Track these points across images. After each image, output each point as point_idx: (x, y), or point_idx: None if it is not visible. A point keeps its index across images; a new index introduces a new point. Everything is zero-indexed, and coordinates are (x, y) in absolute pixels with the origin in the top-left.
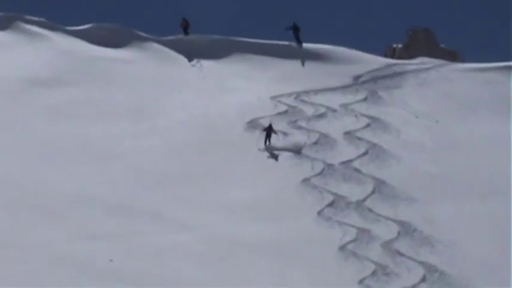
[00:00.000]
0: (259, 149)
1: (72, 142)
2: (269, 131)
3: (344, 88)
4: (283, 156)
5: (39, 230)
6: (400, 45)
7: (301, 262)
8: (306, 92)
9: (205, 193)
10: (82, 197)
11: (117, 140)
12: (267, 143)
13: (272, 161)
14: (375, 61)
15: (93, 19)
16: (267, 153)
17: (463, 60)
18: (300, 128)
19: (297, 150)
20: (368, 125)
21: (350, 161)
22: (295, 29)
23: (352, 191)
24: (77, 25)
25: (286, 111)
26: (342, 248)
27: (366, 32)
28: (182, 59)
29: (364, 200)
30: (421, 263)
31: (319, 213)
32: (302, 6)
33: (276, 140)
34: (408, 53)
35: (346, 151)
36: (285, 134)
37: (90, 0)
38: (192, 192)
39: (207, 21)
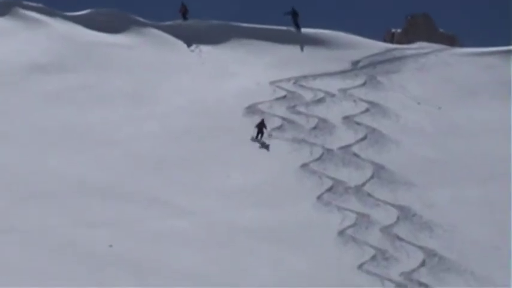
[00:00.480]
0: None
1: (71, 128)
2: (261, 126)
3: (343, 73)
4: (282, 141)
5: (39, 216)
6: (399, 30)
7: (300, 247)
8: (305, 77)
9: (204, 179)
10: (81, 184)
11: (116, 126)
12: (258, 137)
13: (271, 146)
14: (374, 46)
15: (91, 4)
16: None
17: (462, 45)
18: (298, 113)
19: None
20: (367, 110)
21: (349, 146)
22: (294, 14)
23: (351, 176)
24: (76, 11)
25: (285, 97)
26: (341, 232)
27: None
28: (181, 44)
29: (363, 184)
30: (421, 247)
31: (318, 198)
32: None
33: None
34: (407, 37)
35: (345, 136)
36: (283, 119)
37: None
38: (190, 178)
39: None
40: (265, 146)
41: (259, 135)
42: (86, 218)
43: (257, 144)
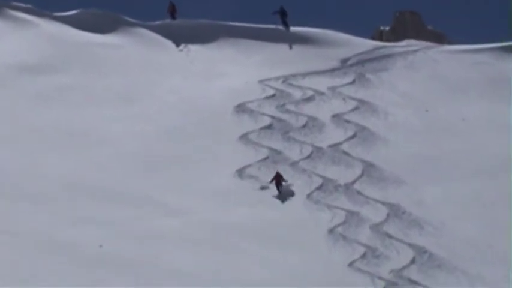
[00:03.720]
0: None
1: (61, 128)
2: (278, 179)
3: (332, 71)
4: (271, 140)
5: (30, 216)
6: (387, 28)
7: (291, 245)
8: (294, 76)
9: (194, 177)
10: (72, 183)
11: (106, 126)
12: (280, 190)
13: (260, 146)
14: (363, 44)
15: (80, 5)
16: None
17: (451, 42)
18: (288, 111)
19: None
20: (356, 108)
21: (338, 144)
22: (282, 13)
23: (341, 174)
24: (64, 11)
25: (274, 95)
26: (331, 231)
27: (353, 15)
28: (170, 44)
29: (353, 182)
30: (411, 245)
31: (308, 196)
32: None
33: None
34: (395, 35)
35: (334, 134)
36: (273, 117)
37: None
38: (181, 176)
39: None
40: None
41: (279, 188)
42: (76, 218)
43: (246, 143)
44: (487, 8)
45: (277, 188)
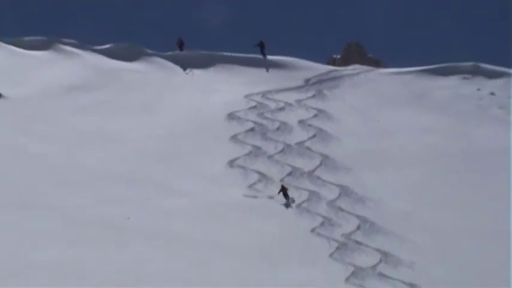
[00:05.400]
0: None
1: (96, 131)
2: (284, 190)
3: (298, 88)
4: (254, 139)
5: (72, 197)
6: (338, 56)
7: (269, 216)
8: (270, 92)
9: (196, 167)
10: (103, 172)
11: (130, 130)
12: (288, 199)
13: (246, 144)
14: (320, 68)
15: (112, 40)
16: (242, 139)
17: (385, 66)
18: (266, 118)
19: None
20: (316, 115)
21: (303, 142)
22: (261, 45)
23: (305, 164)
24: (100, 45)
25: (255, 106)
26: (298, 205)
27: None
28: (178, 69)
29: (314, 170)
30: (357, 216)
31: (281, 180)
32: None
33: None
34: (344, 62)
35: (300, 135)
36: (255, 122)
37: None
38: (186, 167)
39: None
40: (293, 201)
41: (287, 198)
42: (107, 198)
43: (236, 142)
44: (413, 40)
45: (285, 198)
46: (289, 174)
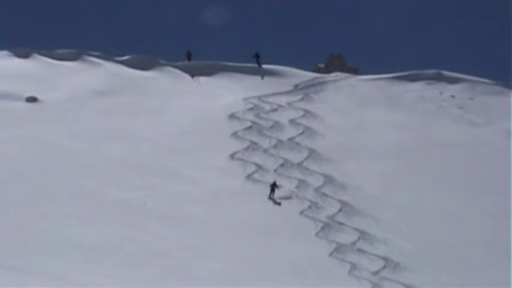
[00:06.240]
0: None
1: (118, 129)
2: (273, 186)
3: (288, 92)
4: (251, 135)
5: (97, 184)
6: (322, 65)
7: (264, 200)
8: (265, 96)
9: (202, 159)
10: (124, 163)
11: (146, 128)
12: (271, 195)
13: (244, 139)
14: (308, 75)
15: (131, 52)
16: (241, 136)
17: (363, 73)
18: (261, 118)
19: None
20: (304, 115)
21: (293, 138)
22: (257, 56)
23: (295, 157)
24: (121, 56)
25: (252, 108)
26: (290, 192)
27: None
28: (187, 77)
29: (302, 162)
30: (339, 200)
31: (275, 170)
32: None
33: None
34: (328, 70)
35: (290, 132)
36: (252, 122)
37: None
38: (195, 159)
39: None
40: (277, 203)
41: (272, 194)
42: (127, 185)
43: (237, 138)
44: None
45: (270, 193)
46: (282, 165)
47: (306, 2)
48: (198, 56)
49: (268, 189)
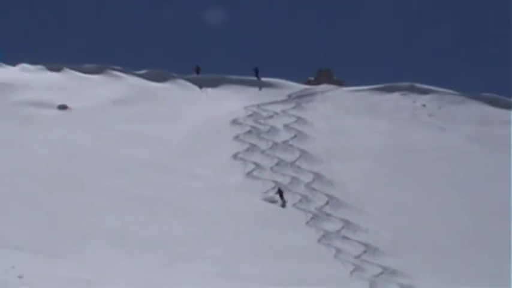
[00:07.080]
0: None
1: (136, 133)
2: (280, 193)
3: (283, 101)
4: (251, 138)
5: (117, 180)
6: (312, 78)
7: (261, 194)
8: (263, 104)
9: (210, 159)
10: (140, 162)
11: (161, 133)
12: (283, 201)
13: (245, 142)
14: (299, 87)
15: (148, 67)
16: (242, 139)
17: (347, 85)
18: (260, 123)
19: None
20: (296, 121)
21: (287, 140)
22: (256, 70)
23: (288, 157)
24: (139, 70)
25: (252, 115)
26: (284, 187)
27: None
28: (196, 88)
29: (295, 161)
30: (326, 194)
31: (271, 168)
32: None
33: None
34: (317, 82)
35: (284, 135)
36: (252, 127)
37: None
38: (202, 158)
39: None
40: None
41: (282, 198)
42: (144, 181)
43: (239, 141)
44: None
45: (281, 199)
46: (277, 164)
47: (299, 23)
48: (205, 70)
49: (274, 194)
